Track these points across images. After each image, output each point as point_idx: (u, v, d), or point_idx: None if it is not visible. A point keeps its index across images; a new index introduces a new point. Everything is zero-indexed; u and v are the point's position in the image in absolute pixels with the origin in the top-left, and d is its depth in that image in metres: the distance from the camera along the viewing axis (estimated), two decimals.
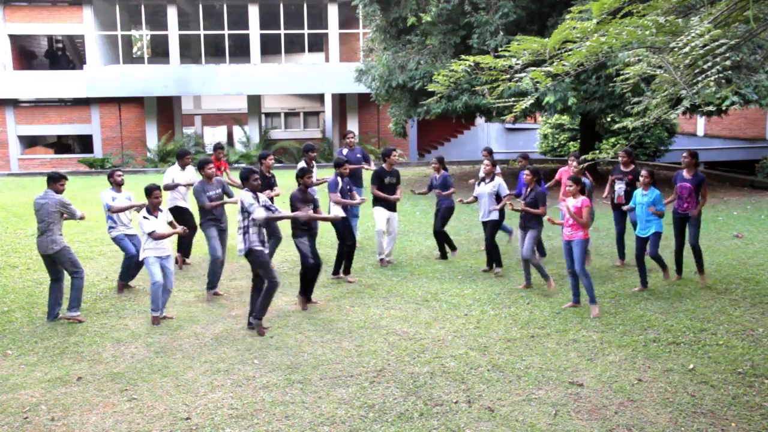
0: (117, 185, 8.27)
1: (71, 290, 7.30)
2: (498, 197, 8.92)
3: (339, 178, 8.71)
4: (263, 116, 27.17)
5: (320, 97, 27.80)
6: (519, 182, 9.24)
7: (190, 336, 6.84)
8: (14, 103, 24.57)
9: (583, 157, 7.59)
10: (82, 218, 7.48)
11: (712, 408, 5.19)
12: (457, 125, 25.12)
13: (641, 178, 7.99)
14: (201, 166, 8.29)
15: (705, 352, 6.24)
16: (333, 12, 24.44)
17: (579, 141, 19.39)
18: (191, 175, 9.38)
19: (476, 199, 9.17)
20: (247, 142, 25.06)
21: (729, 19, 5.55)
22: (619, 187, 8.98)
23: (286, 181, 16.32)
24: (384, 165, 9.43)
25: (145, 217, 7.22)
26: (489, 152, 10.13)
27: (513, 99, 6.55)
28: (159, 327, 7.08)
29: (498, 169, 9.62)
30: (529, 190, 8.11)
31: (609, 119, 17.21)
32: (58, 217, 7.17)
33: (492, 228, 8.98)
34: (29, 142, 25.58)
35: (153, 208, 7.31)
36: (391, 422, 5.01)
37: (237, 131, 25.98)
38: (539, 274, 8.22)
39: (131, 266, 8.31)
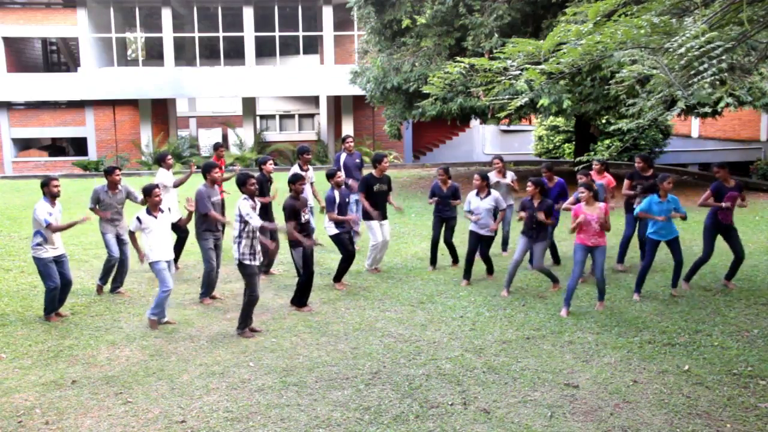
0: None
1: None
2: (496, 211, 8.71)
3: (335, 192, 8.32)
4: (258, 118, 27.13)
5: (315, 99, 27.77)
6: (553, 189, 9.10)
7: (185, 339, 6.81)
8: (8, 106, 24.45)
9: (578, 159, 7.60)
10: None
11: (708, 409, 5.20)
12: (452, 127, 25.10)
13: (666, 185, 7.74)
14: (207, 170, 8.01)
15: (700, 354, 6.25)
16: (328, 14, 24.42)
17: (574, 143, 19.42)
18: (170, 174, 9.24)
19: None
20: (242, 145, 25.02)
21: (723, 20, 5.57)
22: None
23: (278, 184, 16.30)
24: (374, 171, 9.09)
25: (138, 217, 7.06)
26: (500, 159, 9.98)
27: (508, 98, 6.55)
28: (154, 330, 7.05)
29: (509, 178, 9.72)
30: (538, 202, 7.91)
31: (604, 121, 17.24)
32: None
33: (489, 243, 8.76)
34: (23, 145, 25.46)
35: (153, 208, 7.15)
36: (387, 425, 5.00)
37: (232, 133, 25.94)
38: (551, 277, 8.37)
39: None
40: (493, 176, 9.62)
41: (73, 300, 8.02)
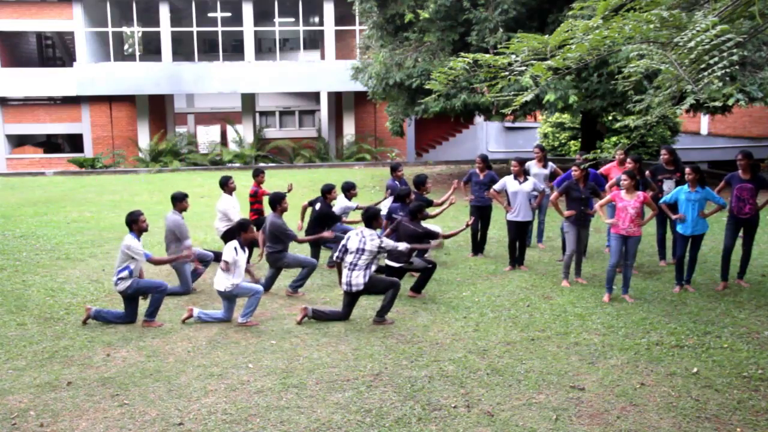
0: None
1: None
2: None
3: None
4: (257, 115, 26.98)
5: (316, 96, 27.64)
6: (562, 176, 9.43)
7: (182, 339, 6.70)
8: (2, 101, 24.30)
9: (584, 156, 7.50)
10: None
11: (717, 413, 5.11)
12: (455, 124, 24.98)
13: (686, 176, 7.89)
14: (278, 201, 8.08)
15: (709, 356, 6.15)
16: (329, 8, 24.27)
17: (580, 140, 19.28)
18: (234, 200, 9.15)
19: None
20: (241, 142, 24.88)
21: (733, 15, 5.44)
22: (669, 186, 8.81)
23: (278, 181, 16.16)
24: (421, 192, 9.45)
25: (235, 248, 7.07)
26: (541, 148, 10.23)
27: (513, 94, 6.44)
28: (151, 330, 6.94)
29: (549, 168, 10.05)
30: (584, 187, 8.32)
31: (611, 117, 17.11)
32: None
33: (525, 230, 9.23)
34: (17, 142, 25.29)
35: (246, 242, 7.28)
36: (389, 427, 4.91)
37: (231, 130, 25.79)
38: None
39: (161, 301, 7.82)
40: (533, 165, 9.87)
41: (69, 300, 7.93)
